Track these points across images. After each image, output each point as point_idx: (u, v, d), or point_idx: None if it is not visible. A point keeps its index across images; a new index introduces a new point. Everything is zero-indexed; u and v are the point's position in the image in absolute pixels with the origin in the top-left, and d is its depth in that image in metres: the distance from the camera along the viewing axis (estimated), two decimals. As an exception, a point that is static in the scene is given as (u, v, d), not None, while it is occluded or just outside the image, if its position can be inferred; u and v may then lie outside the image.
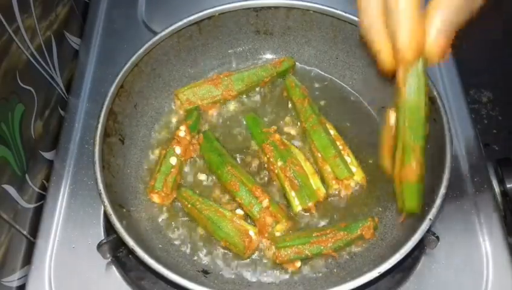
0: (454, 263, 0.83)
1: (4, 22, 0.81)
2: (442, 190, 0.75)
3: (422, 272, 0.82)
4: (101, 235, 0.86)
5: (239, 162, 0.93)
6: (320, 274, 0.82)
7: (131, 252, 0.74)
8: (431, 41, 0.61)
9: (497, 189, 0.92)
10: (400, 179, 0.71)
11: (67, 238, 0.86)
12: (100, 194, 0.77)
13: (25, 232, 0.87)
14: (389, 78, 0.95)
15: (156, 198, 0.88)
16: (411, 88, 0.66)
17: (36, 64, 0.93)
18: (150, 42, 0.93)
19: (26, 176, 0.88)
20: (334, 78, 1.04)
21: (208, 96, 0.99)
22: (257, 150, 0.94)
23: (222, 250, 0.84)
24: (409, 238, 0.72)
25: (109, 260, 0.83)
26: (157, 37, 0.94)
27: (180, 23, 0.95)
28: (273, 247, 0.83)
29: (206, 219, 0.84)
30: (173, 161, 0.90)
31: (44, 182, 0.94)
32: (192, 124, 0.95)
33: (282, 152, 0.90)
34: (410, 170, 0.70)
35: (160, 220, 0.88)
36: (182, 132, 0.93)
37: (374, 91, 0.99)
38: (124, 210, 0.82)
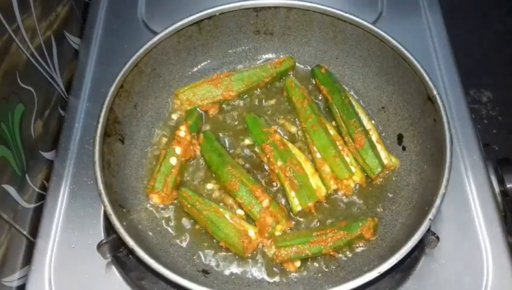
0: (454, 263, 0.83)
1: (4, 22, 0.81)
2: (442, 190, 0.75)
3: (422, 272, 0.82)
4: (101, 235, 0.86)
5: (239, 162, 0.93)
6: (320, 274, 0.82)
7: (131, 252, 0.74)
8: None
9: (497, 189, 0.92)
10: (356, 147, 0.90)
11: (67, 238, 0.86)
12: (100, 194, 0.77)
13: (25, 232, 0.87)
14: (389, 78, 0.96)
15: (156, 198, 0.88)
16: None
17: (36, 64, 0.93)
18: (150, 42, 0.93)
19: (26, 176, 0.88)
20: (334, 78, 1.04)
21: (208, 96, 0.99)
22: (257, 150, 0.94)
23: (222, 250, 0.84)
24: (409, 238, 0.72)
25: (109, 260, 0.83)
26: (157, 37, 0.94)
27: (180, 23, 0.95)
28: (273, 247, 0.83)
29: (205, 219, 0.84)
30: (173, 161, 0.90)
31: (45, 182, 0.94)
32: (192, 124, 0.95)
33: (282, 152, 0.90)
34: (359, 136, 0.90)
35: (160, 220, 0.87)
36: (182, 132, 0.93)
37: (374, 91, 0.99)
38: (124, 210, 0.82)
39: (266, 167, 0.93)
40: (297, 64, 1.05)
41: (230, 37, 1.03)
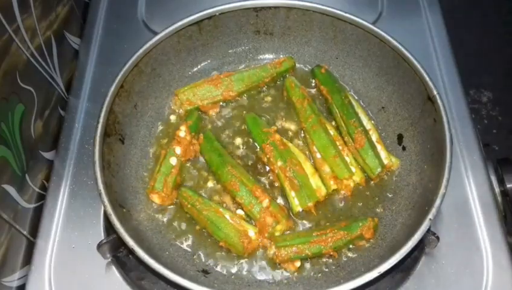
0: (454, 263, 0.83)
1: (4, 22, 0.81)
2: (442, 190, 0.75)
3: (422, 272, 0.82)
4: (101, 235, 0.86)
5: (239, 162, 0.93)
6: (320, 274, 0.82)
7: (131, 252, 0.74)
8: None
9: (497, 189, 0.92)
10: (356, 147, 0.90)
11: (67, 238, 0.86)
12: (100, 194, 0.77)
13: (25, 232, 0.87)
14: (389, 78, 0.96)
15: (156, 198, 0.88)
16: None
17: (36, 64, 0.93)
18: (150, 42, 0.93)
19: (26, 176, 0.88)
20: (334, 78, 1.04)
21: (208, 96, 0.99)
22: (257, 150, 0.95)
23: (222, 250, 0.84)
24: (409, 238, 0.72)
25: (109, 260, 0.83)
26: (157, 37, 0.94)
27: (180, 23, 0.95)
28: (273, 247, 0.83)
29: (205, 219, 0.84)
30: (173, 161, 0.90)
31: (45, 182, 0.94)
32: (192, 124, 0.95)
33: (282, 152, 0.90)
34: (359, 136, 0.90)
35: (160, 220, 0.88)
36: (182, 132, 0.93)
37: (374, 91, 0.99)
38: (124, 210, 0.82)
39: (266, 167, 0.93)
40: (297, 64, 1.05)
41: (230, 37, 1.03)
